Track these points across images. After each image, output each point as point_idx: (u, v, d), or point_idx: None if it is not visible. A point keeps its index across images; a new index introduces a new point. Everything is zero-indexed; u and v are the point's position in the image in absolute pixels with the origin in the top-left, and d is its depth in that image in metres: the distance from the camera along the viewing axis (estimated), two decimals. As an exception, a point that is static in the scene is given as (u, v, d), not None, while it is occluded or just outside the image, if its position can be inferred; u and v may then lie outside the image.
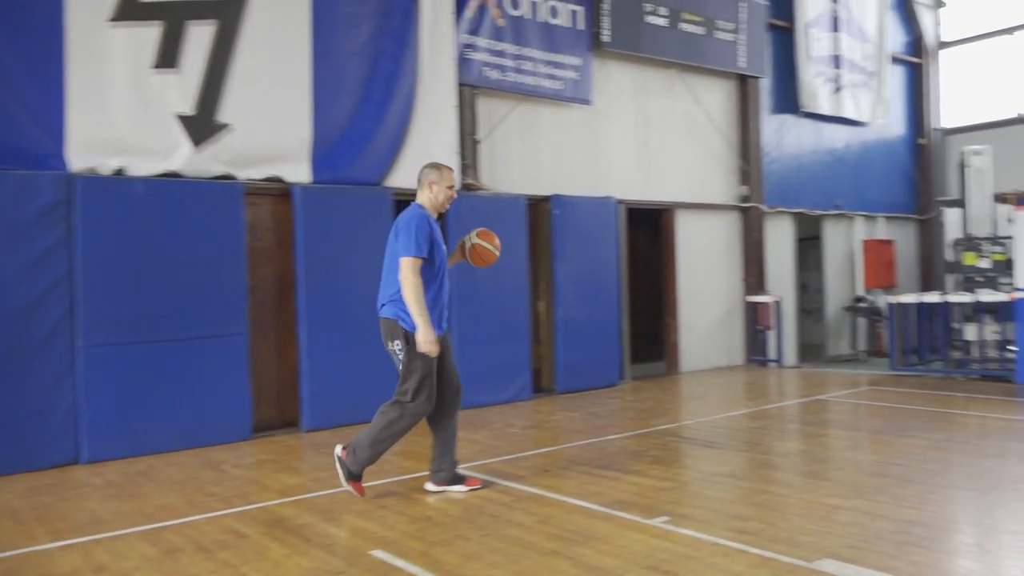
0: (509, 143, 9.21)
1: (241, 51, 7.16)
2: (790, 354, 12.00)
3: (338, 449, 4.94)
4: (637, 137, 10.52)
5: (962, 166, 10.78)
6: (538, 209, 9.33)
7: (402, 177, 8.03)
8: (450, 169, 4.97)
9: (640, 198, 10.50)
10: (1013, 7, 14.10)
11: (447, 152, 8.35)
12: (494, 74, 8.83)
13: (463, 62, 8.55)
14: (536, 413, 8.12)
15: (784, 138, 12.31)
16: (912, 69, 14.69)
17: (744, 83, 11.61)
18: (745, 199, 11.63)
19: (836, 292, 13.17)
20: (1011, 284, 9.31)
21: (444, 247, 4.87)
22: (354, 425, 7.45)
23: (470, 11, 8.58)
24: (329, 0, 7.59)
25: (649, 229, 11.37)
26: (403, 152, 8.10)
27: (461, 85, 8.57)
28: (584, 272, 9.41)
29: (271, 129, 7.34)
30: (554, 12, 9.35)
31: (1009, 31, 14.21)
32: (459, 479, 5.05)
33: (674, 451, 6.15)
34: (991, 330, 9.73)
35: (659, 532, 4.07)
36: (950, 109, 14.98)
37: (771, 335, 11.56)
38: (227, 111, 7.10)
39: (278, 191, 7.45)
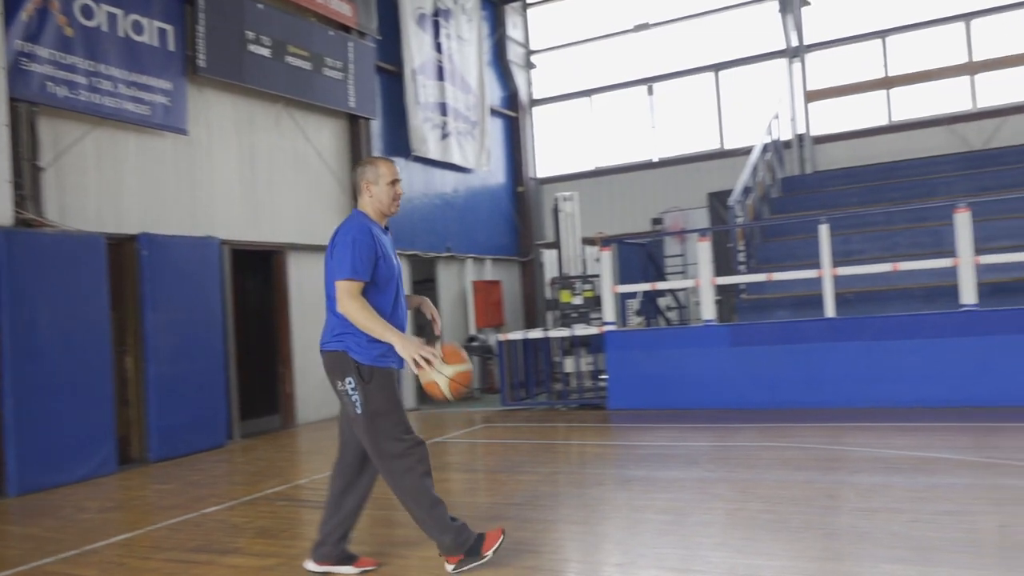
0: (84, 172, 7.85)
1: None
2: (408, 396, 11.89)
3: (448, 568, 3.85)
4: (243, 173, 9.71)
5: (556, 211, 11.65)
6: (123, 249, 8.06)
7: (-71, 208, 6.35)
8: (388, 161, 4.00)
9: (247, 238, 9.67)
10: (590, 75, 15.91)
11: (-5, 179, 6.81)
12: (61, 91, 7.46)
13: (18, 73, 7.08)
14: (121, 490, 6.85)
15: (396, 181, 12.31)
16: (510, 122, 15.80)
17: (355, 124, 11.41)
18: (360, 241, 11.35)
19: (452, 332, 13.44)
20: (600, 318, 10.16)
21: (395, 260, 3.95)
22: None
23: (26, 14, 7.15)
24: None
25: (259, 272, 10.55)
26: (-70, 177, 6.41)
27: (15, 100, 7.08)
28: (182, 321, 8.31)
29: None
30: (138, 28, 8.23)
31: (588, 94, 15.99)
32: (348, 557, 4.02)
33: (284, 519, 5.45)
34: (586, 362, 10.52)
35: (255, 629, 3.38)
36: (543, 160, 16.39)
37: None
38: None
39: None
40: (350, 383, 3.78)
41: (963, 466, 5.59)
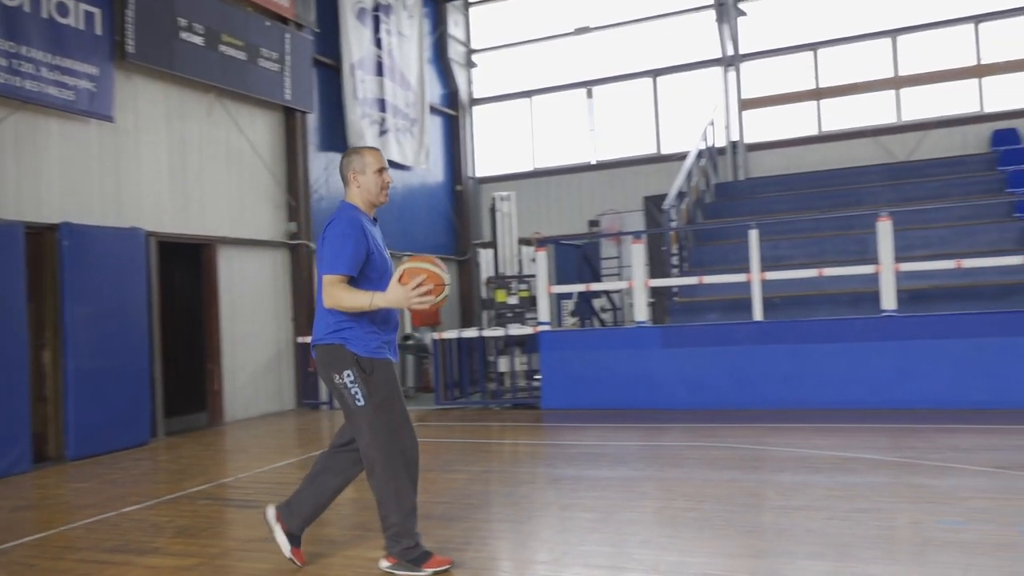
0: (2, 158, 7.54)
1: None
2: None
3: (382, 564, 3.85)
4: (172, 163, 9.45)
5: (493, 211, 11.65)
6: (43, 239, 7.77)
7: None
8: (374, 149, 3.94)
9: (175, 231, 9.41)
10: (531, 76, 15.97)
11: (-96, 162, 6.49)
12: (-22, 72, 7.16)
13: (-70, 51, 6.77)
14: (36, 488, 6.59)
15: (333, 176, 12.17)
16: (449, 120, 15.75)
17: (291, 117, 11.22)
18: (294, 236, 11.17)
19: (386, 331, 13.33)
20: (535, 318, 10.19)
21: (386, 253, 3.84)
22: None
23: (-59, -11, 6.86)
24: None
25: (188, 266, 10.28)
26: None
27: (-73, 80, 6.78)
28: (104, 314, 8.04)
29: None
30: (63, 10, 7.94)
31: (528, 95, 16.04)
32: (295, 538, 4.01)
33: (206, 518, 5.31)
34: (520, 361, 10.54)
35: (169, 630, 3.28)
36: (482, 159, 16.38)
37: (323, 376, 11.17)
38: None
39: None
40: (348, 376, 3.70)
41: (880, 466, 5.77)
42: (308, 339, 10.89)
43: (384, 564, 3.85)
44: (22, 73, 7.55)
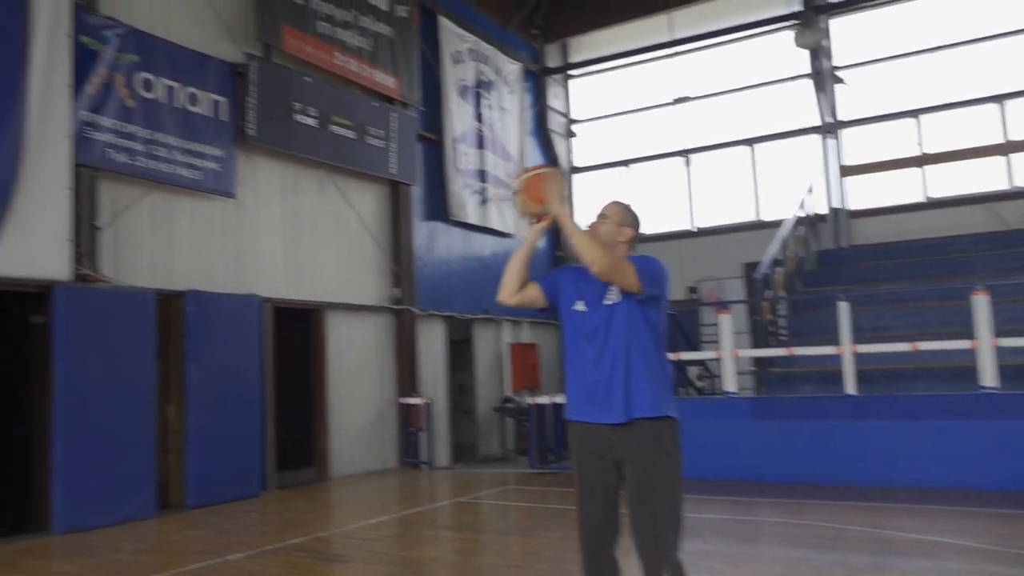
0: (139, 232, 8.45)
1: None
2: (442, 455, 12.16)
3: None
4: (286, 235, 10.26)
5: (587, 278, 11.92)
6: (171, 305, 8.59)
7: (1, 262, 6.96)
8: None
9: (289, 297, 10.17)
10: (629, 144, 16.32)
11: (57, 238, 7.41)
12: (121, 157, 8.09)
13: (82, 140, 7.72)
14: (157, 533, 7.23)
15: (435, 244, 12.81)
16: (550, 188, 16.22)
17: (396, 189, 11.96)
18: (397, 301, 11.80)
19: (487, 393, 13.73)
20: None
21: (579, 300, 3.46)
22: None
23: (93, 87, 7.84)
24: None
25: (301, 330, 11.01)
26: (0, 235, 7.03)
27: (79, 166, 7.71)
28: (223, 373, 8.76)
29: None
30: (193, 100, 8.90)
31: (626, 163, 16.40)
32: None
33: (297, 569, 5.74)
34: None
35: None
36: (583, 226, 16.71)
37: (423, 436, 11.62)
38: None
39: None
40: None
41: (961, 552, 5.63)
42: (409, 400, 11.49)
43: None
44: (157, 157, 8.48)
